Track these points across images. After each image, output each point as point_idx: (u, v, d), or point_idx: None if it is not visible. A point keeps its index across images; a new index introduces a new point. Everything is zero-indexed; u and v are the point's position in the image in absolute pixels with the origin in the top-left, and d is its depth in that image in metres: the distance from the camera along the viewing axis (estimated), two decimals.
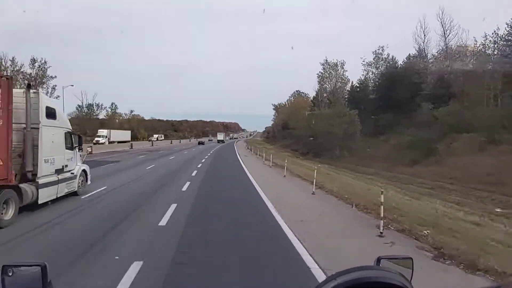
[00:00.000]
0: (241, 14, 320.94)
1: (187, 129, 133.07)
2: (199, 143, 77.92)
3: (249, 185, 14.89)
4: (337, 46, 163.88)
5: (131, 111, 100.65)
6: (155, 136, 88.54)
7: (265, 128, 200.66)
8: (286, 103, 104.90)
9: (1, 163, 7.62)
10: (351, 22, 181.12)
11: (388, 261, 1.36)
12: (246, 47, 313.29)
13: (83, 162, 12.35)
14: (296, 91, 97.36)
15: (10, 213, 7.83)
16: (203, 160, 28.55)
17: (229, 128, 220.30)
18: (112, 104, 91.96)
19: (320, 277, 4.72)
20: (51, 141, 9.65)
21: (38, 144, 8.98)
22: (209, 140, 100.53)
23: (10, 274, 1.30)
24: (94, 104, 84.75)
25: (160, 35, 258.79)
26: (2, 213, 7.61)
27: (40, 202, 8.94)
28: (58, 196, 9.95)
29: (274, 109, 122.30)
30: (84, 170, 11.86)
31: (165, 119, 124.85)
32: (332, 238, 6.92)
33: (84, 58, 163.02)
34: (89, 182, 12.35)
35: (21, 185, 8.41)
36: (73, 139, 11.21)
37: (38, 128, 9.00)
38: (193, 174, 18.51)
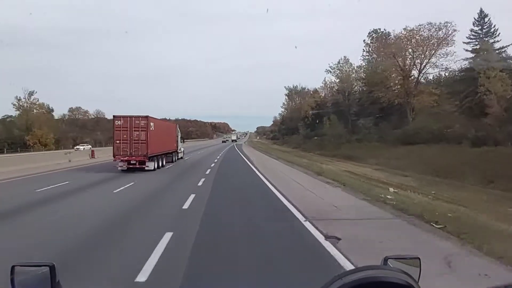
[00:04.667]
0: (231, 16, 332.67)
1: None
2: (223, 141, 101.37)
3: None
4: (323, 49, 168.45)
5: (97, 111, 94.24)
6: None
7: (257, 128, 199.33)
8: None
9: (175, 145, 29.19)
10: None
11: (395, 261, 1.37)
12: (238, 48, 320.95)
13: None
14: (344, 56, 67.21)
15: (176, 158, 29.36)
16: None
17: (219, 128, 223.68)
18: (26, 93, 56.67)
19: None
20: (179, 140, 31.06)
21: (178, 141, 30.41)
22: (226, 140, 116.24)
23: (19, 274, 1.34)
24: None
25: (146, 37, 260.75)
26: (175, 158, 29.07)
27: (179, 158, 30.58)
28: (179, 158, 31.40)
29: (287, 94, 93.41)
30: (183, 150, 33.45)
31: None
32: None
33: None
34: (183, 155, 33.86)
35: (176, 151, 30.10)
36: (181, 139, 32.66)
37: (178, 136, 30.43)
38: None
